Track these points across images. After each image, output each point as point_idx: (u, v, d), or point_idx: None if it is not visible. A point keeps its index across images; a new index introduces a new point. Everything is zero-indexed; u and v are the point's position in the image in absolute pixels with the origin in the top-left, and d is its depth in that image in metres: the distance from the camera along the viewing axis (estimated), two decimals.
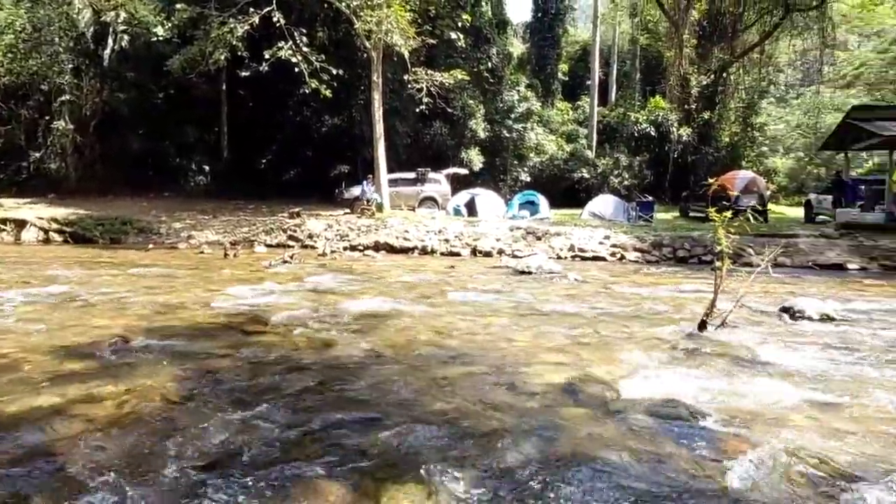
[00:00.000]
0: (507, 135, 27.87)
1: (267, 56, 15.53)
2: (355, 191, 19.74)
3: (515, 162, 28.98)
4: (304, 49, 15.78)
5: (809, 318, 6.56)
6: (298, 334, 5.39)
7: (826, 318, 6.55)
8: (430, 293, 8.08)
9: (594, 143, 30.23)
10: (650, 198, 22.30)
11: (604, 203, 20.86)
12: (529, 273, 10.37)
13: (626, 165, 28.72)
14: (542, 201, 20.96)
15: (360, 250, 14.21)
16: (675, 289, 9.02)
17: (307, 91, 16.32)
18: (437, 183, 21.30)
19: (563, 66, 36.70)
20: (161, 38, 20.18)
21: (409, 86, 18.29)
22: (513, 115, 28.10)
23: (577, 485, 2.63)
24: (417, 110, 18.61)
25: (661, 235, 14.59)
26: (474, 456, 2.90)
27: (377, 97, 18.41)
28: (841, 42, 32.93)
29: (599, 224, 17.37)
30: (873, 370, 4.60)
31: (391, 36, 17.10)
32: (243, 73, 16.57)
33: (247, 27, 15.75)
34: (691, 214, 20.77)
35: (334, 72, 16.13)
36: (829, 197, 18.96)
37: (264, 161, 27.04)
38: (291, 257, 11.91)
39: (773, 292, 8.27)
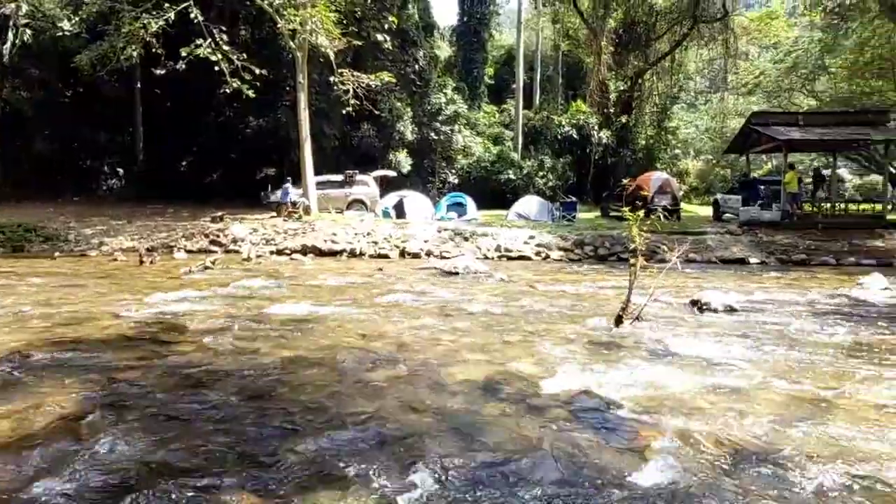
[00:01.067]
0: (435, 137, 28.08)
1: (184, 54, 14.87)
2: (281, 194, 19.30)
3: (443, 164, 29.25)
4: (225, 47, 15.23)
5: (715, 310, 7.02)
6: (217, 342, 5.22)
7: (730, 310, 7.04)
8: (357, 296, 8.03)
9: (519, 146, 30.97)
10: (573, 198, 23.11)
11: (529, 204, 21.41)
12: (457, 273, 10.50)
13: (550, 167, 29.59)
14: (470, 203, 21.26)
15: (287, 254, 13.90)
16: (596, 286, 9.39)
17: (229, 91, 15.78)
18: (366, 185, 21.14)
19: (489, 70, 37.38)
20: (68, 33, 18.92)
21: (336, 87, 18.04)
22: (440, 118, 28.32)
23: (498, 483, 2.68)
24: (344, 112, 18.39)
25: (584, 234, 15.15)
26: (395, 459, 2.91)
27: (303, 98, 18.06)
28: (742, 52, 35.38)
29: (525, 224, 17.81)
30: (769, 356, 5.00)
31: (316, 36, 16.81)
32: (158, 72, 15.73)
33: (161, 23, 15.04)
34: (612, 214, 21.65)
35: (257, 71, 15.65)
36: (735, 196, 20.31)
37: (184, 163, 25.90)
38: (214, 262, 11.48)
39: (684, 286, 8.76)
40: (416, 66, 27.41)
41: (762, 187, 19.48)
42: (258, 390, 3.97)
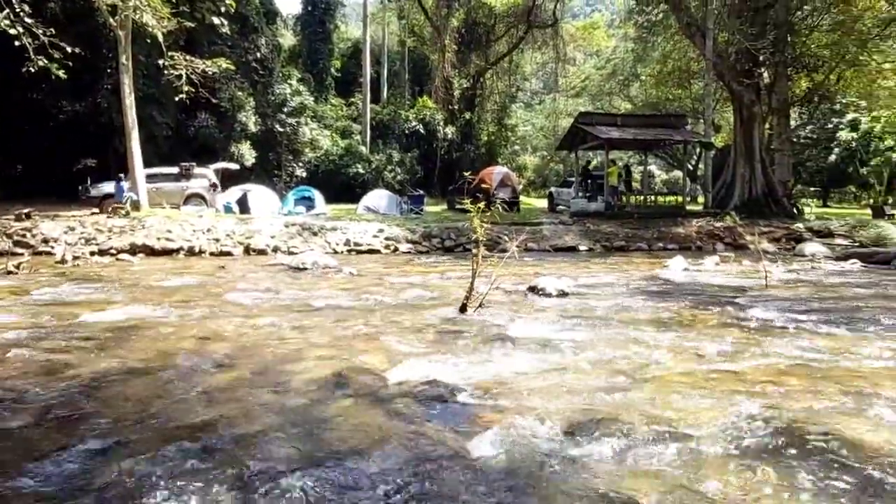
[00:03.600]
0: (281, 129, 27.08)
1: None
2: (105, 188, 17.38)
3: (290, 157, 28.32)
4: (28, 20, 13.23)
5: (550, 295, 7.62)
6: (20, 358, 4.55)
7: (562, 294, 7.68)
8: (195, 297, 7.51)
9: (368, 140, 30.96)
10: (421, 192, 23.67)
11: (378, 197, 21.53)
12: (305, 269, 10.28)
13: (398, 161, 29.98)
14: (318, 197, 20.83)
15: (113, 255, 12.57)
16: (443, 276, 9.72)
17: (33, 70, 13.73)
18: (205, 178, 19.76)
19: (336, 63, 36.80)
20: None
21: (167, 72, 16.62)
22: (286, 109, 27.35)
23: (342, 479, 2.64)
24: (178, 99, 16.99)
25: (431, 227, 15.61)
26: (234, 468, 2.75)
27: (127, 82, 16.36)
28: (571, 58, 38.81)
29: (374, 218, 17.88)
30: (595, 334, 5.50)
31: (141, 14, 15.30)
32: None
33: None
34: (457, 207, 22.49)
35: (70, 49, 13.83)
36: (567, 189, 22.18)
37: None
38: (18, 267, 10.01)
39: (523, 273, 9.37)
40: (258, 54, 26.18)
41: (589, 181, 21.53)
42: (71, 408, 3.52)
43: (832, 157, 37.94)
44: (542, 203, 28.25)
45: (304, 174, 28.26)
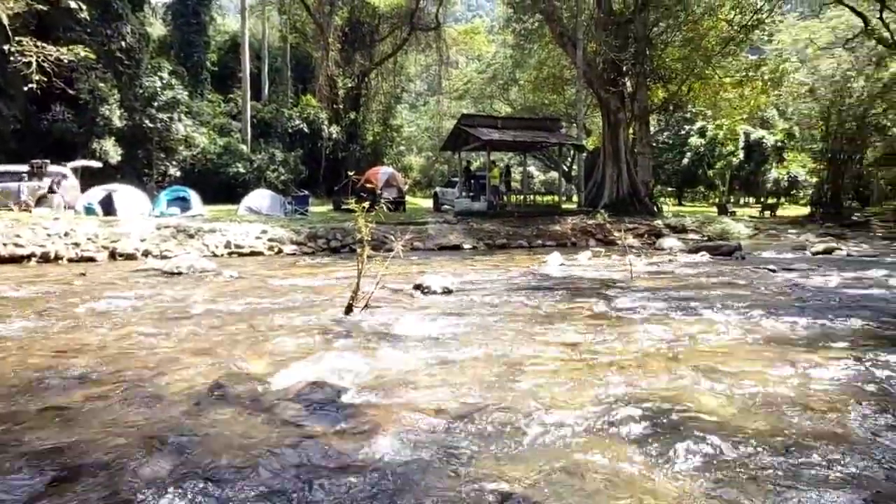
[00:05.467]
0: (151, 125, 25.23)
1: None
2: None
3: (162, 155, 26.47)
4: None
5: (435, 293, 7.79)
6: None
7: (447, 291, 7.88)
8: (48, 307, 6.81)
9: (249, 138, 29.72)
10: (305, 192, 23.13)
11: (260, 198, 20.77)
12: (180, 274, 9.70)
13: (281, 161, 29.04)
14: (195, 197, 19.69)
15: None
16: (329, 277, 9.60)
17: None
18: (62, 178, 17.91)
19: (212, 56, 34.92)
20: None
21: (14, 59, 14.92)
22: (156, 104, 25.51)
23: (222, 495, 2.51)
24: (27, 89, 15.30)
25: (316, 227, 15.33)
26: (94, 492, 2.53)
27: None
28: (454, 61, 39.83)
29: (256, 219, 17.20)
30: (479, 329, 5.70)
31: None
32: None
33: None
34: (343, 207, 22.24)
35: None
36: (451, 189, 22.72)
37: None
38: None
39: (409, 272, 9.51)
40: (123, 43, 24.19)
41: (472, 181, 22.21)
42: None
43: (685, 161, 42.39)
44: (428, 203, 28.63)
45: (179, 173, 26.55)
